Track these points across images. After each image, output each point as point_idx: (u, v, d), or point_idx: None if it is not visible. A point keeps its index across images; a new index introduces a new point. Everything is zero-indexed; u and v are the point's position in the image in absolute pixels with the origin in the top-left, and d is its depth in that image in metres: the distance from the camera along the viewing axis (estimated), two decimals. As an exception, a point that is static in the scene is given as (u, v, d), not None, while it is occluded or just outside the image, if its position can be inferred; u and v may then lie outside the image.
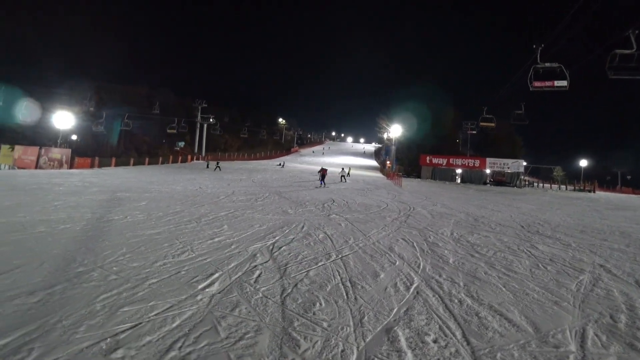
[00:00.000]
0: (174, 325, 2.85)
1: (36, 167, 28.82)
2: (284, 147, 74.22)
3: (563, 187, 39.74)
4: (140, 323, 2.85)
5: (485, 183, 38.40)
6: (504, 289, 4.23)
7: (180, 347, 2.52)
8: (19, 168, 28.37)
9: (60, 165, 29.51)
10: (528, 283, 4.48)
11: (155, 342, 2.59)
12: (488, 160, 39.91)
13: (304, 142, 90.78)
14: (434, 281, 4.38)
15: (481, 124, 35.27)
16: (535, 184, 43.06)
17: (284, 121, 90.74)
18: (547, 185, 41.81)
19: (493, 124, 33.09)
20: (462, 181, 39.52)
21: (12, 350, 2.42)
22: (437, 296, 3.86)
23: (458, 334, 3.01)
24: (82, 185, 14.13)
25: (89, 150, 41.56)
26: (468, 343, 2.86)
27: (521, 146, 49.42)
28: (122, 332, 2.71)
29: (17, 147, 31.43)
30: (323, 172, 21.54)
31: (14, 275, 3.79)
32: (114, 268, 4.18)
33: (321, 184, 20.55)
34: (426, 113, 44.43)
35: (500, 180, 38.20)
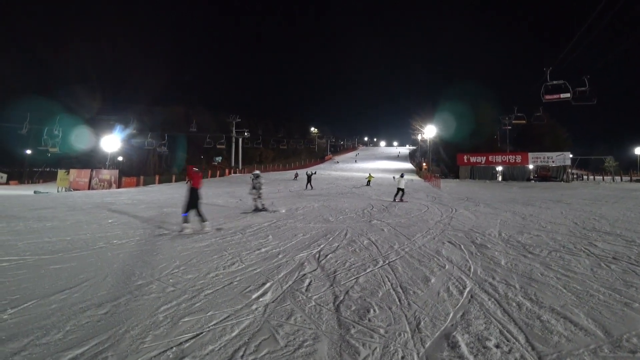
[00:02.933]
0: (234, 334, 2.93)
1: (89, 188, 30.87)
2: (317, 156, 74.71)
3: (617, 178, 37.09)
4: (201, 332, 2.96)
5: (529, 179, 36.63)
6: (564, 290, 4.00)
7: (242, 356, 2.59)
8: (74, 190, 30.51)
9: (110, 185, 31.44)
10: (591, 284, 4.21)
11: (217, 350, 2.68)
12: (530, 155, 38.05)
13: (337, 150, 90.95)
14: (487, 284, 4.22)
15: (513, 121, 34.23)
16: (585, 177, 40.50)
17: (316, 130, 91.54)
18: (598, 178, 39.22)
19: (524, 121, 32.26)
20: (503, 179, 37.96)
21: (89, 358, 2.59)
22: (493, 299, 3.72)
23: (521, 338, 2.88)
24: (131, 203, 14.93)
25: (133, 170, 43.98)
26: (533, 348, 2.73)
27: (566, 137, 46.61)
28: (186, 341, 2.82)
29: (72, 171, 33.89)
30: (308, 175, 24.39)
31: (83, 289, 4.06)
32: (170, 280, 4.37)
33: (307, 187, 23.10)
34: (461, 111, 43.24)
35: (546, 175, 36.30)
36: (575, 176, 39.62)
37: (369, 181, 26.73)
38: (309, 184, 23.64)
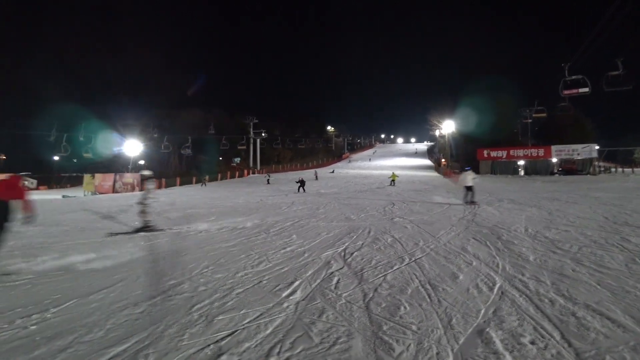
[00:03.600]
0: (268, 332, 3.00)
1: (113, 192, 31.77)
2: (334, 154, 74.68)
3: (648, 170, 35.65)
4: (236, 330, 3.04)
5: (552, 173, 35.61)
6: (598, 286, 3.90)
7: (278, 353, 2.65)
8: (99, 193, 31.48)
9: (133, 189, 32.29)
10: (626, 280, 4.09)
11: (254, 348, 2.74)
12: (554, 148, 36.94)
13: (354, 148, 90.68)
14: (517, 280, 4.17)
15: (534, 115, 33.53)
16: (613, 170, 39.05)
17: (332, 129, 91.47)
18: (627, 170, 37.75)
19: (545, 114, 31.69)
20: (525, 173, 37.01)
21: (131, 355, 2.69)
22: (524, 296, 3.67)
23: (556, 335, 2.84)
24: (155, 205, 15.30)
25: (155, 173, 44.89)
26: (570, 344, 2.69)
27: (591, 129, 44.86)
28: (222, 339, 2.89)
29: (97, 175, 34.98)
30: (301, 180, 22.62)
31: (118, 289, 4.21)
32: (201, 280, 4.49)
33: (299, 190, 21.44)
34: (480, 105, 42.25)
35: (571, 168, 35.19)
36: (602, 169, 38.27)
37: (393, 180, 25.29)
38: (301, 188, 21.91)
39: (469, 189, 12.45)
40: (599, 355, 2.54)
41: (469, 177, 12.66)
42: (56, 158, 57.81)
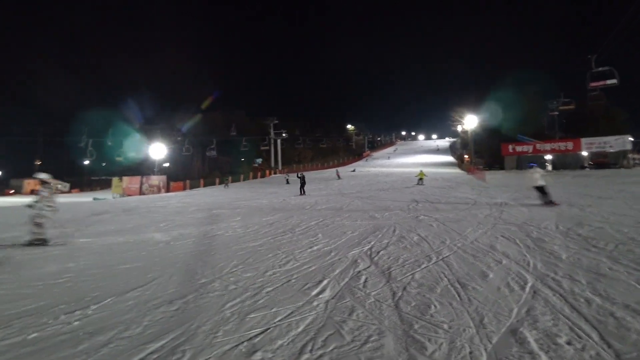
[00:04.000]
0: (300, 329, 3.05)
1: (140, 194, 32.77)
2: (355, 153, 74.40)
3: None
4: (268, 328, 3.10)
5: (583, 167, 34.22)
6: (638, 285, 3.76)
7: (311, 350, 2.69)
8: (127, 195, 32.54)
9: (159, 190, 33.22)
10: (669, 278, 3.93)
11: (287, 345, 2.80)
12: (583, 140, 35.39)
13: (374, 146, 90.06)
14: (550, 279, 4.06)
15: (560, 108, 32.44)
16: (649, 162, 37.15)
17: (352, 127, 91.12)
18: (666, 162, 35.86)
19: (572, 107, 30.63)
20: (554, 168, 35.69)
21: (169, 350, 2.79)
22: (558, 295, 3.57)
23: (594, 335, 2.76)
24: (181, 206, 15.73)
25: (179, 175, 46.19)
26: (609, 346, 2.61)
27: (624, 120, 42.66)
28: (255, 336, 2.96)
29: (124, 178, 36.17)
30: (302, 176, 19.83)
31: (152, 287, 4.38)
32: (231, 278, 4.60)
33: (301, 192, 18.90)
34: (504, 98, 41.04)
35: (602, 162, 33.71)
36: (637, 161, 36.51)
37: (421, 179, 22.94)
38: (302, 189, 19.29)
39: (540, 189, 10.46)
40: (640, 357, 2.46)
41: (537, 175, 10.39)
42: (86, 162, 60.22)
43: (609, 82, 17.12)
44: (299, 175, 20.35)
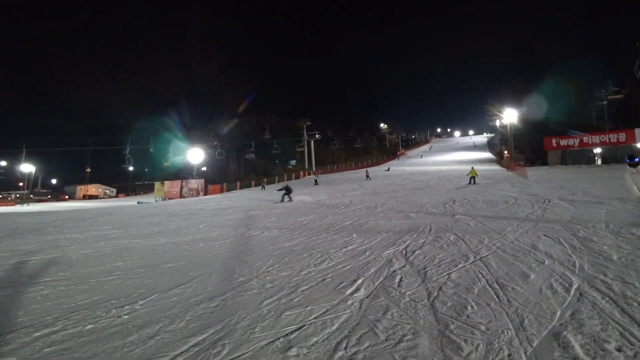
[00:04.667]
0: (334, 327, 3.09)
1: (180, 197, 34.17)
2: (389, 152, 73.48)
3: None
4: (304, 325, 3.17)
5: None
6: (698, 289, 3.47)
7: (345, 348, 2.72)
8: (169, 199, 34.06)
9: (198, 193, 34.49)
10: None
11: (321, 342, 2.84)
12: (638, 131, 32.82)
13: (408, 144, 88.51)
14: (598, 281, 3.83)
15: (609, 97, 30.17)
16: None
17: (385, 126, 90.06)
18: None
19: (621, 95, 28.26)
20: (603, 162, 33.41)
21: (210, 344, 2.92)
22: (607, 298, 3.36)
23: (648, 341, 2.58)
24: (219, 208, 16.24)
25: (216, 178, 47.75)
26: (664, 352, 2.44)
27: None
28: (291, 332, 3.03)
29: (165, 183, 37.93)
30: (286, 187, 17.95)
31: (194, 285, 4.58)
32: (268, 277, 4.72)
33: (283, 199, 17.26)
34: (547, 89, 38.92)
35: (660, 155, 31.09)
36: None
37: (473, 177, 19.98)
38: (286, 196, 17.59)
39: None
40: (702, 363, 2.28)
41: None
42: (131, 169, 63.72)
43: None
44: (282, 187, 18.36)
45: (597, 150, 34.89)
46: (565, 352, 2.50)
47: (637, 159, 6.93)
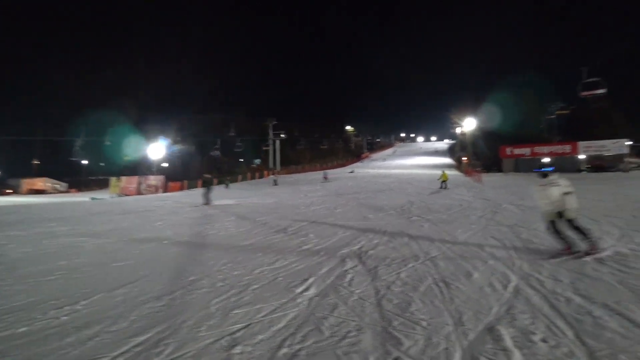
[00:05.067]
0: (281, 325, 3.10)
1: (138, 194, 32.79)
2: (354, 154, 74.46)
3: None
4: (250, 323, 3.16)
5: (579, 170, 34.28)
6: (619, 286, 3.81)
7: (290, 345, 2.75)
8: (125, 195, 32.57)
9: (157, 190, 33.24)
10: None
11: (267, 340, 2.85)
12: (580, 144, 35.45)
13: (373, 147, 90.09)
14: (533, 279, 4.11)
15: (557, 112, 32.72)
16: (648, 166, 37.14)
17: (351, 128, 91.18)
18: (665, 166, 35.85)
19: (568, 111, 30.93)
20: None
21: (153, 343, 2.86)
22: (540, 295, 3.62)
23: (569, 334, 2.81)
24: (177, 206, 15.74)
25: (177, 175, 46.25)
26: (583, 343, 2.66)
27: (624, 123, 42.63)
28: (237, 331, 3.02)
29: (122, 178, 36.25)
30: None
31: (142, 284, 4.43)
32: (219, 276, 4.65)
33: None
34: (502, 101, 41.26)
35: (599, 165, 33.79)
36: (633, 165, 36.56)
37: (444, 181, 19.92)
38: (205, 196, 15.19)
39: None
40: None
41: (556, 191, 5.13)
42: (84, 162, 60.24)
43: (598, 91, 17.65)
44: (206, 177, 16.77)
45: (546, 159, 37.27)
46: (496, 345, 2.68)
47: (549, 169, 5.69)
